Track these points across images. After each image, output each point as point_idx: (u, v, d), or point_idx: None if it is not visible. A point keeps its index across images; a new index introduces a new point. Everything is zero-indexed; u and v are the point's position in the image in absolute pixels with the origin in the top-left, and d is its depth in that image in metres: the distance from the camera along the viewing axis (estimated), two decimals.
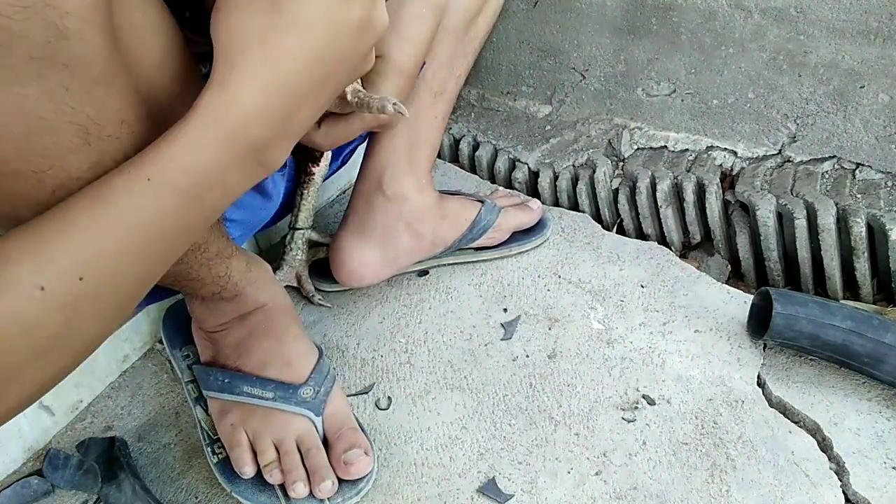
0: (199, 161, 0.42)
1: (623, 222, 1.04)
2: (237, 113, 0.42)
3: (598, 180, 1.04)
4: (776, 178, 0.96)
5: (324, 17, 0.43)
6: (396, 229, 0.85)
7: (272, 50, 0.42)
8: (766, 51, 0.94)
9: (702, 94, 1.01)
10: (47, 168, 0.40)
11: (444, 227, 0.89)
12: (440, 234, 0.89)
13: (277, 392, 0.69)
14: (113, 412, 0.79)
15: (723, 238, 0.98)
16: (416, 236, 0.87)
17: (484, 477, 0.69)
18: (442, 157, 1.20)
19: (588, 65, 1.10)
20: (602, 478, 0.68)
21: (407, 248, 0.87)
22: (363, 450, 0.67)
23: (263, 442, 0.67)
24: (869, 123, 0.91)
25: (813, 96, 0.93)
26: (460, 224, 0.90)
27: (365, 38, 0.46)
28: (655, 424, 0.73)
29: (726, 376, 0.77)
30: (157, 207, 0.41)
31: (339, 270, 0.86)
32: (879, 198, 0.88)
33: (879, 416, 0.72)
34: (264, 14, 0.42)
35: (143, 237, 0.41)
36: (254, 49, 0.42)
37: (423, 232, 0.87)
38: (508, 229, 0.95)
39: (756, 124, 0.99)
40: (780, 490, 0.66)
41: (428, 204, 0.87)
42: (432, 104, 0.82)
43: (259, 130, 0.43)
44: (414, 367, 0.81)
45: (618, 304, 0.88)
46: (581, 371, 0.79)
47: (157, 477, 0.72)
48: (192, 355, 0.78)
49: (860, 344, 0.73)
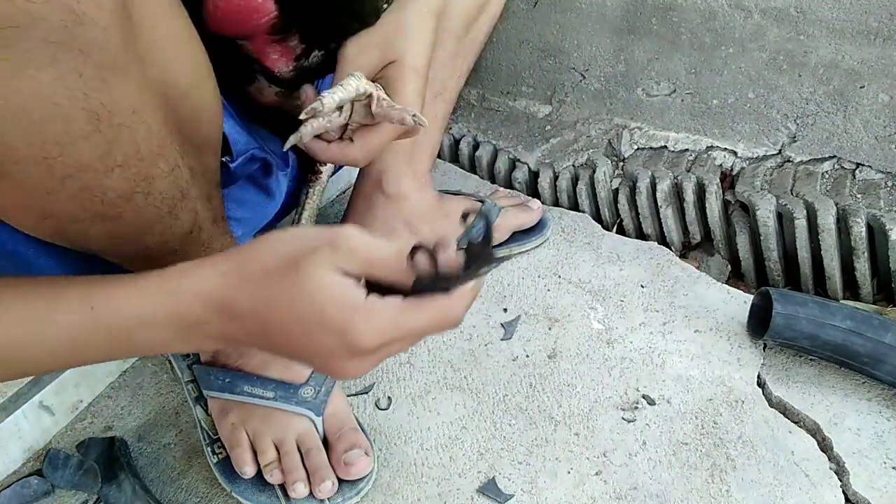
0: (150, 334, 0.45)
1: (623, 222, 1.04)
2: (199, 310, 0.44)
3: (598, 180, 1.04)
4: (776, 178, 0.96)
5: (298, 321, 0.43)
6: (396, 228, 0.85)
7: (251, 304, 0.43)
8: (766, 51, 0.94)
9: (702, 94, 1.01)
10: (57, 155, 0.40)
11: (443, 227, 0.89)
12: (440, 234, 0.89)
13: (278, 392, 0.69)
14: (113, 412, 0.79)
15: (723, 238, 0.98)
16: (416, 235, 0.86)
17: (484, 477, 0.69)
18: (442, 157, 1.20)
19: (588, 65, 1.10)
20: (602, 478, 0.68)
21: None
22: (363, 450, 0.67)
23: (264, 442, 0.67)
24: (869, 123, 0.91)
25: (813, 96, 0.93)
26: (460, 224, 0.90)
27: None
28: (655, 424, 0.73)
29: (726, 376, 0.77)
30: (87, 336, 0.44)
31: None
32: (879, 198, 0.88)
33: (879, 416, 0.72)
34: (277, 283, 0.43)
35: (58, 347, 0.45)
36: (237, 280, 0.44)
37: (422, 231, 0.87)
38: (508, 229, 0.94)
39: (756, 124, 0.99)
40: (780, 490, 0.66)
41: (428, 203, 0.87)
42: (432, 104, 0.82)
43: (212, 331, 0.46)
44: (414, 367, 0.81)
45: (618, 304, 0.88)
46: (581, 371, 0.79)
47: (157, 477, 0.72)
48: (192, 355, 0.78)
49: (860, 344, 0.73)
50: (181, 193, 0.50)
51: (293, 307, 0.42)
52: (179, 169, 0.49)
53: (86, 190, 0.43)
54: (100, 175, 0.43)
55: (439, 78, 0.81)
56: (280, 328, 0.43)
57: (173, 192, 0.49)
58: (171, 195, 0.49)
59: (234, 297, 0.43)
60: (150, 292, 0.44)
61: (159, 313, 0.44)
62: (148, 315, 0.44)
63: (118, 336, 0.44)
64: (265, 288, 0.43)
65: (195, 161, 0.52)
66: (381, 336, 0.42)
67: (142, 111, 0.43)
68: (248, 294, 0.43)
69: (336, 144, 0.59)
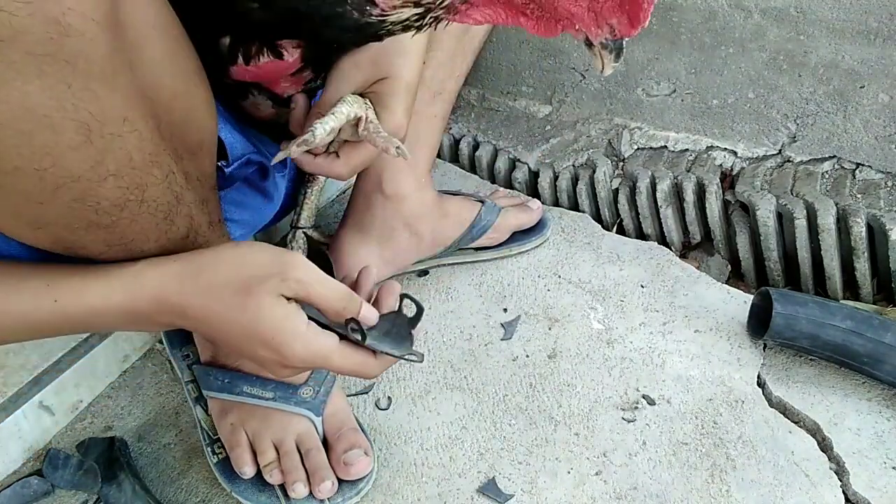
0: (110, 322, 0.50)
1: (623, 222, 1.04)
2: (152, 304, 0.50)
3: (598, 180, 1.04)
4: (776, 178, 0.96)
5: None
6: (395, 228, 0.85)
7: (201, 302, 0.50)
8: (766, 51, 0.94)
9: (702, 94, 1.01)
10: (49, 165, 0.40)
11: (443, 227, 0.89)
12: (440, 234, 0.89)
13: (277, 392, 0.69)
14: (113, 412, 0.79)
15: (723, 238, 0.98)
16: (416, 235, 0.87)
17: (484, 477, 0.69)
18: (442, 157, 1.20)
19: (588, 65, 1.10)
20: (602, 478, 0.68)
21: (406, 247, 0.87)
22: (363, 450, 0.67)
23: (263, 442, 0.67)
24: (869, 123, 0.91)
25: (813, 96, 0.93)
26: (460, 224, 0.90)
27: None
28: (655, 424, 0.73)
29: (726, 376, 0.77)
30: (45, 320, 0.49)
31: (338, 269, 0.86)
32: (879, 198, 0.88)
33: (879, 416, 0.72)
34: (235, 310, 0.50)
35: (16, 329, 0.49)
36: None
37: (422, 231, 0.87)
38: (508, 229, 0.94)
39: (756, 124, 0.99)
40: (780, 490, 0.66)
41: (427, 203, 0.87)
42: (431, 104, 0.82)
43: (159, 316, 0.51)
44: (414, 367, 0.81)
45: (618, 304, 0.88)
46: (581, 371, 0.79)
47: (157, 477, 0.72)
48: (192, 355, 0.78)
49: (860, 344, 0.73)
50: (176, 199, 0.50)
51: (240, 323, 0.50)
52: (174, 175, 0.49)
53: (79, 199, 0.43)
54: (92, 184, 0.43)
55: (438, 78, 0.81)
56: (225, 335, 0.51)
57: (168, 199, 0.49)
58: (165, 201, 0.49)
59: (186, 302, 0.50)
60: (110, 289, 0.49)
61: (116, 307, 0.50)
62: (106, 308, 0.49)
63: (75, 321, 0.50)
64: (217, 301, 0.50)
65: (190, 165, 0.52)
66: (307, 362, 0.52)
67: (133, 119, 0.43)
68: (200, 304, 0.50)
69: (322, 158, 0.61)
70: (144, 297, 0.50)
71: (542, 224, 0.98)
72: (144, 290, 0.50)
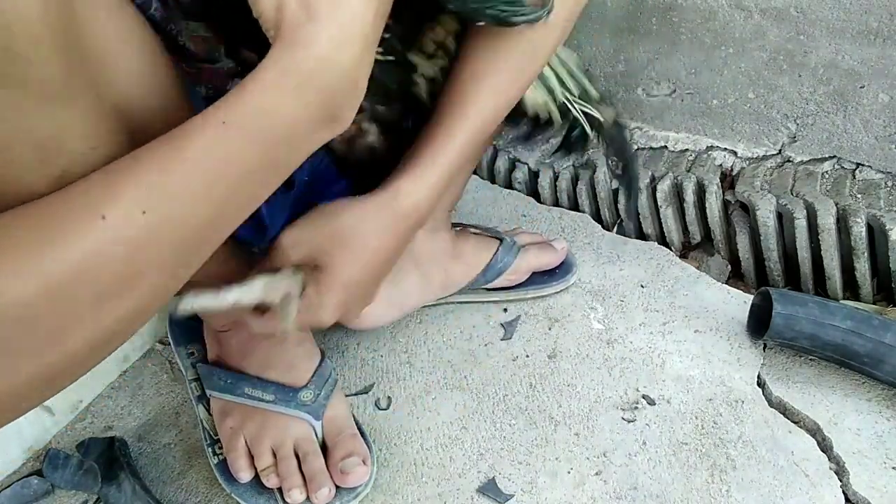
0: (275, 107, 0.42)
1: (623, 222, 1.04)
2: (311, 64, 0.42)
3: (598, 180, 1.04)
4: (776, 178, 0.96)
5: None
6: (404, 269, 0.80)
7: (339, 4, 0.42)
8: (766, 51, 0.94)
9: (702, 94, 1.01)
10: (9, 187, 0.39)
11: (455, 271, 0.84)
12: (451, 278, 0.84)
13: (277, 394, 0.69)
14: (113, 412, 0.79)
15: (723, 238, 0.98)
16: (425, 278, 0.82)
17: (484, 477, 0.69)
18: None
19: (588, 65, 1.10)
20: (602, 478, 0.68)
21: (415, 290, 0.82)
22: (361, 458, 0.67)
23: (261, 446, 0.67)
24: (869, 123, 0.91)
25: (813, 96, 0.93)
26: (474, 267, 0.85)
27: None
28: (655, 424, 0.73)
29: (726, 376, 0.77)
30: (227, 150, 0.41)
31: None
32: (879, 198, 0.88)
33: (879, 416, 0.72)
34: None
35: (208, 178, 0.41)
36: (322, 4, 0.42)
37: (432, 274, 0.82)
38: (528, 270, 0.88)
39: (756, 124, 0.99)
40: (780, 490, 0.66)
41: (440, 245, 0.82)
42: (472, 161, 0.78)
43: (332, 79, 0.43)
44: (414, 367, 0.81)
45: (618, 304, 0.88)
46: (581, 371, 0.79)
47: (157, 477, 0.72)
48: (197, 353, 0.78)
49: (860, 344, 0.73)
50: None
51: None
52: None
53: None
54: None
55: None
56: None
57: None
58: None
59: (335, 30, 0.42)
60: (268, 77, 0.42)
61: (286, 85, 0.42)
62: (280, 97, 0.42)
63: (255, 142, 0.43)
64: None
65: None
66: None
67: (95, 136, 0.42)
68: (341, 20, 0.43)
69: (270, 316, 0.57)
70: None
71: (566, 266, 0.90)
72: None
